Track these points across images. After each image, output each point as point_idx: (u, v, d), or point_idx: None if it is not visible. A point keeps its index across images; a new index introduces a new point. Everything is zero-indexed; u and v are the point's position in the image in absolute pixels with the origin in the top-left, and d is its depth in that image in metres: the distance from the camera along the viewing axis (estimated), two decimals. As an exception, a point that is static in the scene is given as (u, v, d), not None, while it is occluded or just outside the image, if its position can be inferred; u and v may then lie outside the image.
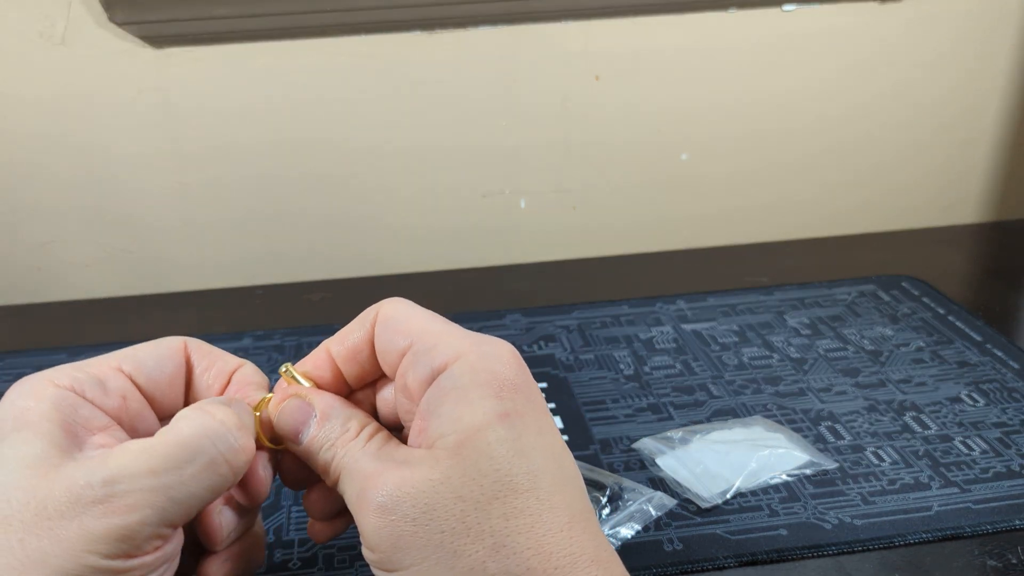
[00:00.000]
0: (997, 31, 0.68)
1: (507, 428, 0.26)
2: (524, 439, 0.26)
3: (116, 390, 0.28)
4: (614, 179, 0.69)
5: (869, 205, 0.73)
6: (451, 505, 0.25)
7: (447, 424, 0.26)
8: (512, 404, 0.26)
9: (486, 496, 0.25)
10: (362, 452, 0.27)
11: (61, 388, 0.27)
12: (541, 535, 0.25)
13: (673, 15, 0.64)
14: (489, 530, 0.25)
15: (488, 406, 0.26)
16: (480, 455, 0.25)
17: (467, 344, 0.27)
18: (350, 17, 0.59)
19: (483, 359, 0.27)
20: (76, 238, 0.65)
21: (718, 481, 0.40)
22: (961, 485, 0.39)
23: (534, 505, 0.25)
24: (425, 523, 0.25)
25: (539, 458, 0.26)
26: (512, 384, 0.27)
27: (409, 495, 0.25)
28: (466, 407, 0.26)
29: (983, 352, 0.50)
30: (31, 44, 0.58)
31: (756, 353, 0.51)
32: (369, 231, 0.68)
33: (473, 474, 0.25)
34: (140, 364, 0.29)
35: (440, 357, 0.27)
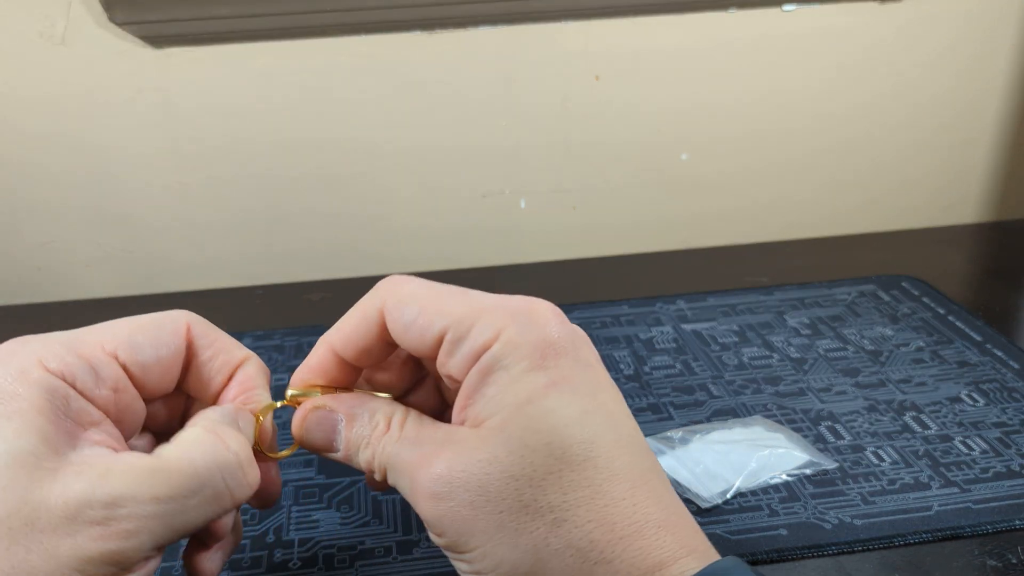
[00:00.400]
0: (997, 31, 0.68)
1: (555, 398, 0.25)
2: (574, 405, 0.25)
3: (108, 380, 0.27)
4: (614, 179, 0.69)
5: (869, 205, 0.73)
6: (504, 484, 0.24)
7: (493, 404, 0.25)
8: (558, 371, 0.25)
9: (539, 472, 0.24)
10: (399, 443, 0.27)
11: (52, 375, 0.25)
12: (603, 506, 0.24)
13: (673, 15, 0.64)
14: (548, 506, 0.24)
15: (533, 379, 0.25)
16: (527, 430, 0.24)
17: (504, 318, 0.26)
18: (350, 17, 0.59)
19: (523, 331, 0.26)
20: (76, 238, 0.65)
21: (718, 481, 0.40)
22: (961, 485, 0.39)
23: (592, 475, 0.24)
24: (483, 505, 0.24)
25: (593, 423, 0.25)
26: (556, 348, 0.26)
27: (461, 479, 0.24)
28: (510, 385, 0.25)
29: (983, 352, 0.50)
30: (31, 44, 0.58)
31: (756, 353, 0.51)
32: (369, 231, 0.68)
33: (522, 451, 0.24)
34: (136, 350, 0.27)
35: (480, 338, 0.26)
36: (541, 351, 0.25)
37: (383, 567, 0.36)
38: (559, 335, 0.26)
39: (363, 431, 0.28)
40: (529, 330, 0.26)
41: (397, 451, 0.27)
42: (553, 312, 0.27)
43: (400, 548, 0.37)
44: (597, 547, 0.24)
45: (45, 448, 0.24)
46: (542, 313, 0.26)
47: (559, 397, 0.25)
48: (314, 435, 0.28)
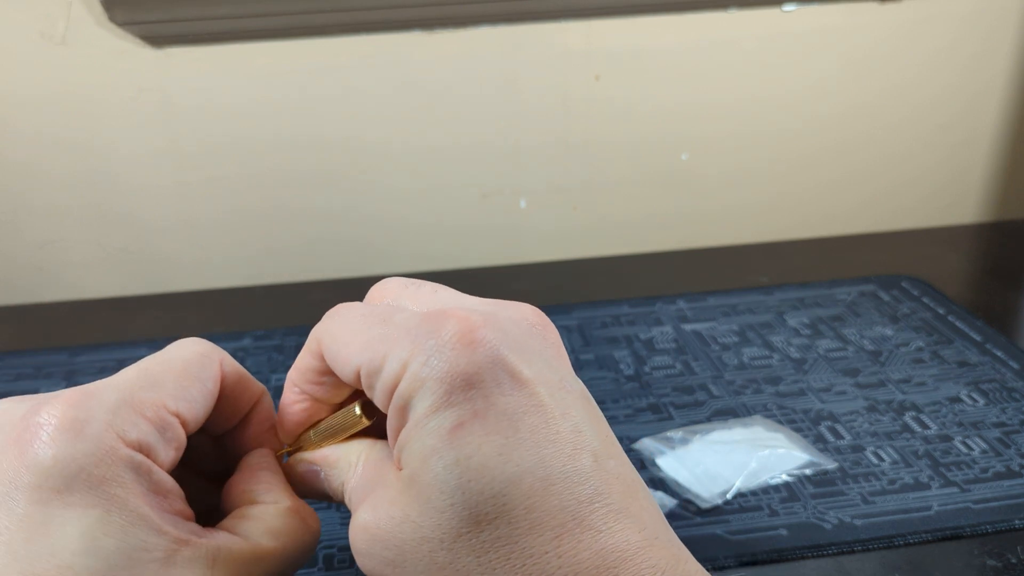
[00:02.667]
0: (997, 31, 0.68)
1: (461, 445, 0.22)
2: (485, 449, 0.22)
3: (174, 441, 0.25)
4: (614, 179, 0.69)
5: (869, 205, 0.73)
6: (417, 546, 0.22)
7: (405, 452, 0.23)
8: (468, 407, 0.22)
9: (449, 535, 0.22)
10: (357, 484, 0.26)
11: (133, 450, 0.23)
12: (520, 565, 0.21)
13: (673, 15, 0.64)
14: (463, 570, 0.22)
15: (438, 422, 0.22)
16: (431, 489, 0.22)
17: (409, 347, 0.23)
18: (350, 17, 0.59)
19: (427, 361, 0.23)
20: (76, 238, 0.65)
21: (718, 481, 0.40)
22: (961, 485, 0.39)
23: (506, 532, 0.21)
24: (401, 563, 0.23)
25: (509, 466, 0.22)
26: (464, 379, 0.22)
27: (380, 535, 0.23)
28: (416, 430, 0.23)
29: (983, 352, 0.50)
30: (31, 44, 0.58)
31: (756, 353, 0.51)
32: (369, 231, 0.68)
33: (429, 511, 0.22)
34: (192, 406, 0.26)
35: (388, 377, 0.23)
36: (447, 385, 0.22)
37: (383, 567, 0.36)
38: (466, 360, 0.22)
39: (341, 476, 0.27)
40: (433, 360, 0.22)
41: (351, 491, 0.26)
42: (460, 332, 0.23)
43: (400, 548, 0.37)
44: None
45: (154, 537, 0.22)
46: (449, 336, 0.23)
47: (466, 443, 0.22)
48: (305, 490, 0.28)
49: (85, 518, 0.21)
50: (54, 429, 0.22)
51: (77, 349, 0.54)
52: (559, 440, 0.22)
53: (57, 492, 0.21)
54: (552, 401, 0.23)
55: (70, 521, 0.21)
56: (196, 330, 0.33)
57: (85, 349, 0.54)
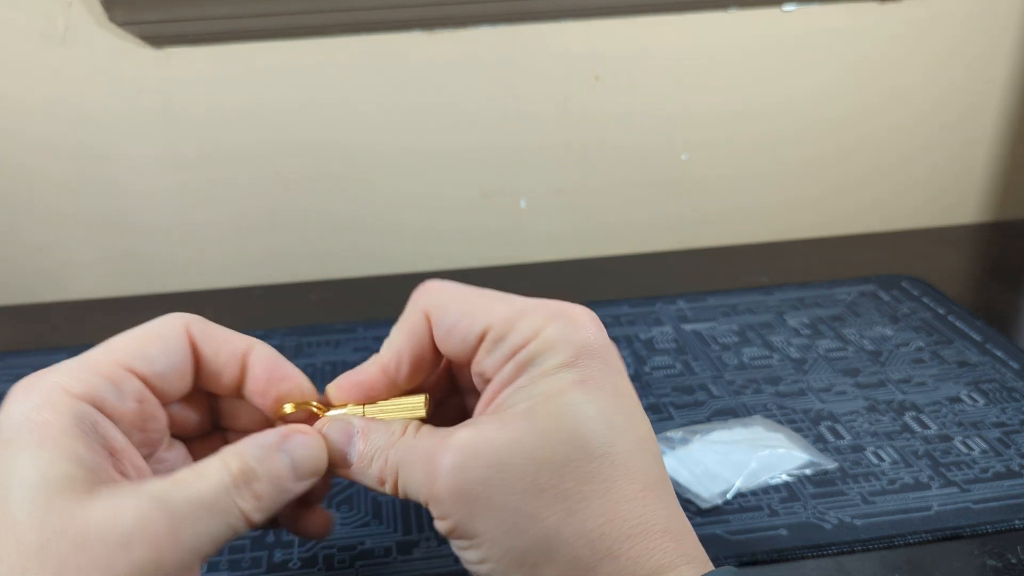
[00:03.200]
0: (997, 31, 0.68)
1: (583, 394, 0.25)
2: (599, 403, 0.26)
3: (131, 393, 0.27)
4: (614, 179, 0.69)
5: (869, 205, 0.73)
6: (524, 466, 0.24)
7: (521, 393, 0.26)
8: (588, 371, 0.26)
9: (559, 458, 0.24)
10: (415, 439, 0.27)
11: (79, 400, 0.25)
12: (615, 501, 0.24)
13: (673, 15, 0.64)
14: (564, 493, 0.24)
15: (564, 375, 0.26)
16: (553, 418, 0.25)
17: (545, 318, 0.27)
18: (350, 17, 0.59)
19: (562, 331, 0.27)
20: (76, 238, 0.65)
21: (718, 481, 0.40)
22: (961, 485, 0.39)
23: (608, 470, 0.25)
24: (499, 483, 0.24)
25: (615, 423, 0.26)
26: (589, 349, 0.26)
27: (481, 454, 0.25)
28: (541, 378, 0.26)
29: (983, 352, 0.50)
30: (31, 44, 0.58)
31: (756, 353, 0.51)
32: (369, 231, 0.68)
33: (546, 436, 0.25)
34: (151, 362, 0.27)
35: (519, 336, 0.27)
36: (575, 350, 0.26)
37: (383, 567, 0.36)
38: (594, 338, 0.27)
39: (379, 441, 0.28)
40: (567, 330, 0.27)
41: (413, 444, 0.27)
42: (590, 316, 0.28)
43: (400, 548, 0.37)
44: (606, 542, 0.24)
45: (83, 472, 0.24)
46: (580, 316, 0.27)
47: (586, 394, 0.26)
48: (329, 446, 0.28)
49: (20, 455, 0.23)
50: (13, 393, 0.25)
51: (77, 349, 0.54)
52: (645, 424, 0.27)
53: (5, 444, 0.24)
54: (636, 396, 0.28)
55: (8, 461, 0.23)
56: (196, 330, 0.34)
57: (85, 349, 0.54)
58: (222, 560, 0.37)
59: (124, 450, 0.26)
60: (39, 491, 0.23)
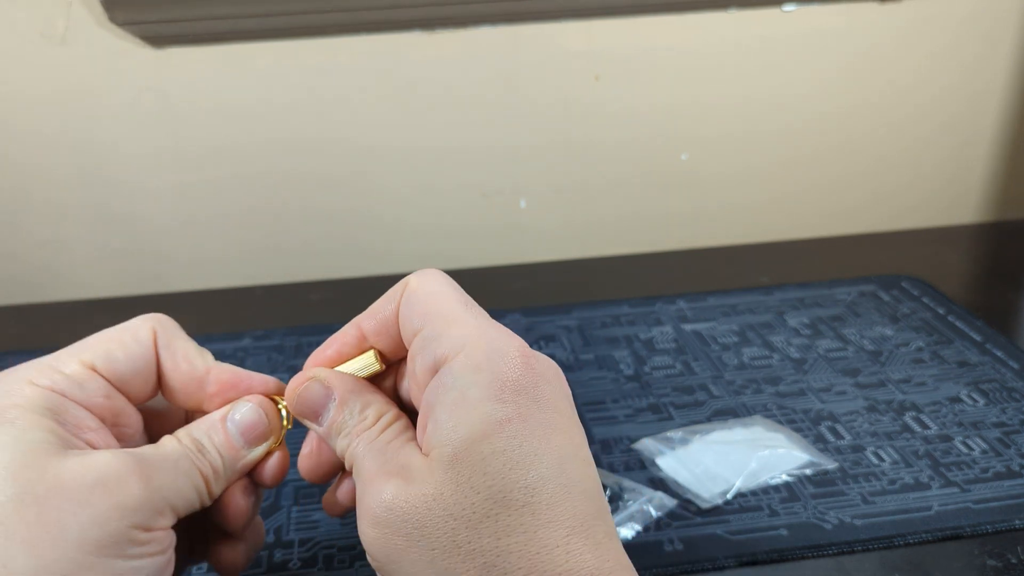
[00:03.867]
0: (997, 31, 0.68)
1: (506, 438, 0.25)
2: (525, 447, 0.25)
3: (94, 390, 0.28)
4: (614, 179, 0.69)
5: (869, 205, 0.73)
6: (442, 523, 0.24)
7: (445, 432, 0.25)
8: (514, 407, 0.25)
9: (477, 514, 0.24)
10: (370, 447, 0.27)
11: (43, 389, 0.27)
12: (535, 553, 0.24)
13: (673, 15, 0.64)
14: (480, 549, 0.24)
15: (487, 411, 0.25)
16: (474, 470, 0.24)
17: (473, 336, 0.26)
18: (350, 17, 0.59)
19: (487, 356, 0.26)
20: (77, 238, 0.65)
21: (718, 481, 0.40)
22: (961, 485, 0.39)
23: (529, 521, 0.24)
24: (417, 539, 0.24)
25: (541, 466, 0.25)
26: (516, 384, 0.26)
27: (403, 510, 0.25)
28: (464, 412, 0.25)
29: (983, 352, 0.50)
30: (31, 44, 0.58)
31: (756, 353, 0.51)
32: (369, 231, 0.68)
33: (466, 491, 0.24)
34: (113, 363, 0.28)
35: (444, 347, 0.26)
36: (501, 382, 0.26)
37: (383, 567, 0.36)
38: (521, 373, 0.26)
39: (348, 420, 0.28)
40: (493, 359, 0.26)
41: (364, 454, 0.27)
42: (521, 351, 0.27)
43: (400, 548, 0.37)
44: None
45: (55, 438, 0.25)
46: (510, 349, 0.26)
47: (512, 437, 0.25)
48: (304, 405, 0.29)
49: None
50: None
51: (77, 349, 0.54)
52: (578, 462, 0.26)
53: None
54: (571, 429, 0.27)
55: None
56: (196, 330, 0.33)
57: (85, 349, 0.54)
58: (222, 560, 0.37)
59: (98, 430, 0.27)
60: (13, 452, 0.24)
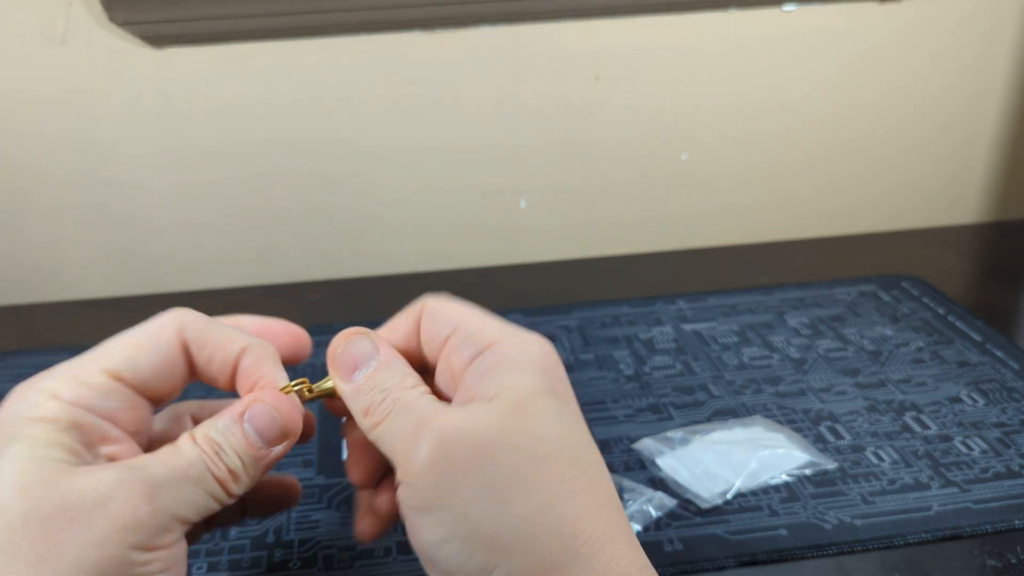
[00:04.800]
0: (997, 31, 0.68)
1: (557, 403, 0.27)
2: (569, 416, 0.27)
3: (121, 402, 0.28)
4: (614, 179, 0.69)
5: (869, 205, 0.73)
6: (508, 456, 0.25)
7: (504, 382, 0.27)
8: (556, 385, 0.28)
9: (541, 453, 0.26)
10: (419, 396, 0.28)
11: (67, 404, 0.26)
12: (588, 505, 0.25)
13: (673, 15, 0.64)
14: (543, 485, 0.25)
15: (539, 378, 0.27)
16: (538, 416, 0.26)
17: (508, 331, 0.29)
18: (350, 17, 0.59)
19: (524, 346, 0.28)
20: (76, 238, 0.65)
21: (718, 481, 0.40)
22: (961, 485, 0.39)
23: (581, 478, 0.26)
24: (481, 468, 0.25)
25: (580, 439, 0.27)
26: (554, 370, 0.28)
27: (470, 437, 0.25)
28: (518, 374, 0.27)
29: (983, 352, 0.50)
30: (31, 44, 0.58)
31: (756, 353, 0.51)
32: (369, 231, 0.68)
33: (531, 431, 0.26)
34: (138, 371, 0.28)
35: (484, 338, 0.28)
36: (543, 364, 0.28)
37: (383, 567, 0.36)
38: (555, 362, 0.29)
39: (388, 380, 0.28)
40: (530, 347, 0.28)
41: (415, 399, 0.27)
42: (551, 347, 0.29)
43: (400, 548, 0.37)
44: (578, 540, 0.25)
45: (68, 455, 0.25)
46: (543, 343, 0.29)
47: (558, 405, 0.27)
48: (347, 356, 0.29)
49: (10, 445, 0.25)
50: (10, 396, 0.27)
51: (77, 349, 0.54)
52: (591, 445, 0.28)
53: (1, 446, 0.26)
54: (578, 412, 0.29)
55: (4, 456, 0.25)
56: (196, 330, 0.34)
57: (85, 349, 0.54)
58: (222, 560, 0.37)
59: (121, 441, 0.27)
60: (24, 469, 0.24)
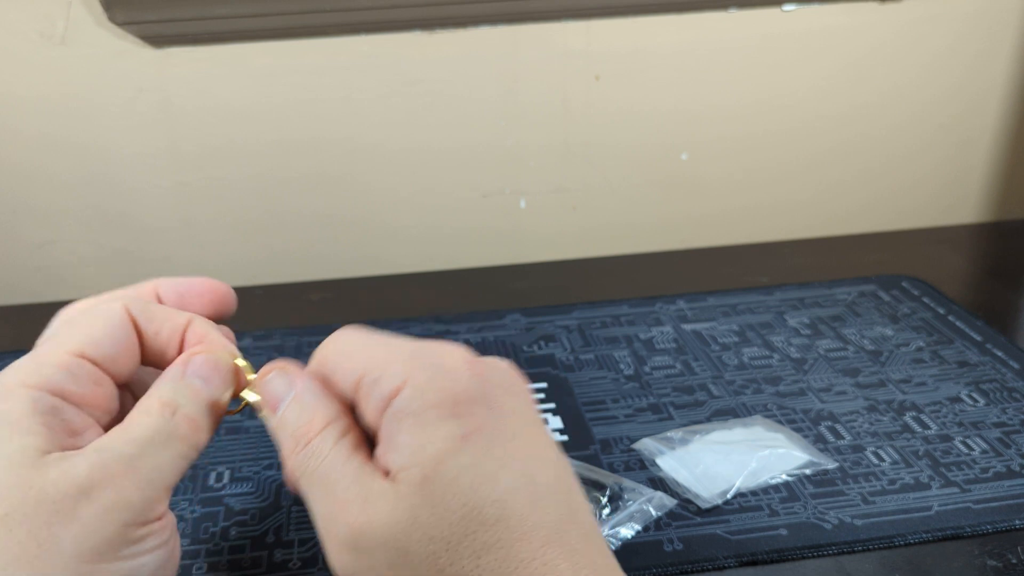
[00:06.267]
0: (997, 31, 0.68)
1: (470, 453, 0.24)
2: (489, 459, 0.25)
3: (87, 378, 0.28)
4: (614, 179, 0.69)
5: (869, 205, 0.73)
6: (423, 547, 0.24)
7: (408, 455, 0.25)
8: (472, 420, 0.25)
9: (456, 535, 0.24)
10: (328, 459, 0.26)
11: (36, 389, 0.26)
12: (513, 569, 0.24)
13: (673, 15, 0.64)
14: (461, 571, 0.24)
15: (446, 429, 0.25)
16: (446, 491, 0.24)
17: (413, 365, 0.26)
18: (350, 17, 0.59)
19: (432, 378, 0.25)
20: (76, 238, 0.65)
21: (718, 481, 0.40)
22: (961, 485, 0.39)
23: (504, 536, 0.24)
24: (399, 565, 0.24)
25: (507, 478, 0.25)
26: (468, 397, 0.25)
27: (381, 537, 0.24)
28: (424, 434, 0.25)
29: (983, 352, 0.50)
30: (31, 44, 0.58)
31: (756, 353, 0.51)
32: (369, 231, 0.68)
33: (442, 512, 0.24)
34: (98, 345, 0.28)
35: (388, 384, 0.26)
36: (453, 399, 0.25)
37: (383, 567, 0.36)
38: (470, 383, 0.26)
39: (303, 417, 0.27)
40: (439, 378, 0.25)
41: (320, 468, 0.26)
42: (464, 360, 0.26)
43: (400, 548, 0.37)
44: None
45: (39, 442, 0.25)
46: (455, 363, 0.26)
47: (473, 451, 0.25)
48: (265, 391, 0.29)
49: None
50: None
51: (77, 349, 0.54)
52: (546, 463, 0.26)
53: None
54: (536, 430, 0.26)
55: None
56: (196, 330, 0.34)
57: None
58: (222, 560, 0.37)
59: (88, 428, 0.27)
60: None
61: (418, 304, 0.59)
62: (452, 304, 0.58)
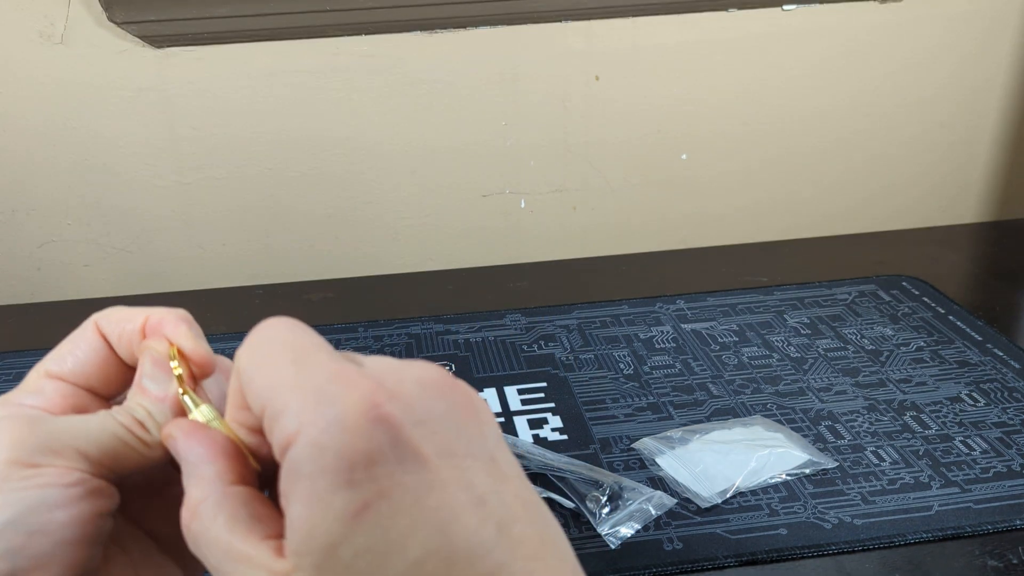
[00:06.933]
0: (997, 31, 0.68)
1: (367, 530, 0.21)
2: (390, 534, 0.22)
3: (52, 393, 0.29)
4: (614, 179, 0.69)
5: (869, 205, 0.73)
6: None
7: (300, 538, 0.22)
8: (370, 487, 0.22)
9: None
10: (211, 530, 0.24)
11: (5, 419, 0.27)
12: None
13: (673, 15, 0.64)
14: None
15: (339, 505, 0.21)
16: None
17: (309, 407, 0.22)
18: (350, 17, 0.59)
19: (326, 430, 0.22)
20: (76, 238, 0.65)
21: (718, 481, 0.40)
22: (961, 485, 0.39)
23: None
24: None
25: (414, 549, 0.22)
26: (366, 455, 0.22)
27: None
28: (315, 510, 0.22)
29: (983, 352, 0.50)
30: (31, 44, 0.58)
31: (756, 353, 0.51)
32: (369, 231, 0.68)
33: None
34: (61, 361, 0.29)
35: (284, 431, 0.22)
36: (349, 460, 0.21)
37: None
38: (370, 437, 0.22)
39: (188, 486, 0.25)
40: (333, 432, 0.22)
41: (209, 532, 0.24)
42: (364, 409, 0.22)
43: (400, 548, 0.37)
44: None
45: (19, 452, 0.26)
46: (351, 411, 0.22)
47: (370, 528, 0.21)
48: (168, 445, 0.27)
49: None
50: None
51: (77, 349, 0.54)
52: (462, 516, 0.22)
53: None
54: (455, 475, 0.23)
55: None
56: (196, 330, 0.33)
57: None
58: None
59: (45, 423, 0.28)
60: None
61: (418, 304, 0.59)
62: (452, 304, 0.58)
